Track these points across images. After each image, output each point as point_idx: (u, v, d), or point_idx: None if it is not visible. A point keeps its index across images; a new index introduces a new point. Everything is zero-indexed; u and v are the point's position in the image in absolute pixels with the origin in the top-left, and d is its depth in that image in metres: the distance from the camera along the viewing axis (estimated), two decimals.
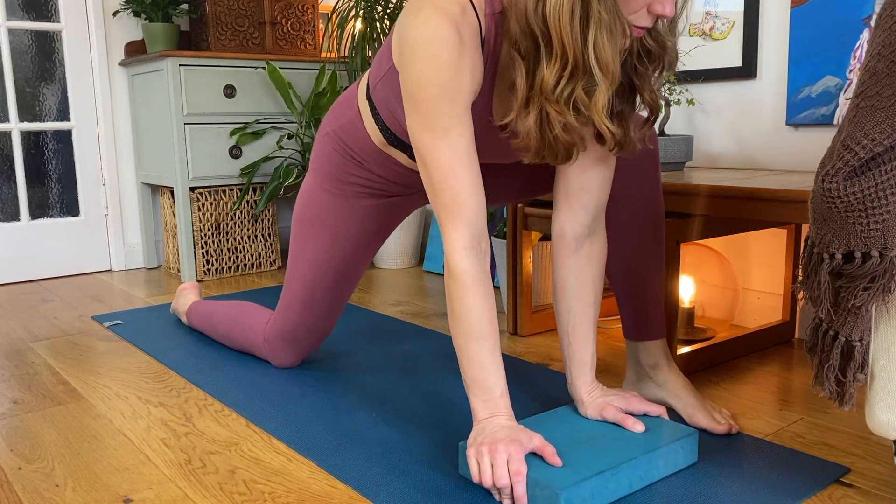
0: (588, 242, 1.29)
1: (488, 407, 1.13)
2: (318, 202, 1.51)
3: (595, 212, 1.28)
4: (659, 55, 1.14)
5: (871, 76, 0.85)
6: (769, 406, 1.49)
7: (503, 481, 1.06)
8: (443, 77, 1.06)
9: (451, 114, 1.09)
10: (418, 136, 1.11)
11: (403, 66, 1.10)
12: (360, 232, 1.52)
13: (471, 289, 1.13)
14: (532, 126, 1.07)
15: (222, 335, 1.86)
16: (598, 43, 1.00)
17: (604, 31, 1.00)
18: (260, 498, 1.15)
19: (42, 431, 1.42)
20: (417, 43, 1.06)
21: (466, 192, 1.11)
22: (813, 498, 1.13)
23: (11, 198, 2.79)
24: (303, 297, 1.58)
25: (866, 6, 1.72)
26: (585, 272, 1.29)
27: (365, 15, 2.74)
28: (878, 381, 0.95)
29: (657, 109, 1.18)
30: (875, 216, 0.85)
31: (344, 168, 1.44)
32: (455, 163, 1.10)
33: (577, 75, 1.02)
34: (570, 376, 1.31)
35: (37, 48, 2.79)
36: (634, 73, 1.14)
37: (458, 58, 1.06)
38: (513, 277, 1.95)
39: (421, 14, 1.07)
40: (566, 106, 1.04)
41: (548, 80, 1.03)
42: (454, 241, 1.13)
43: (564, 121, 1.05)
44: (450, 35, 1.05)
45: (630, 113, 1.17)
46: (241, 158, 2.80)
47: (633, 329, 1.45)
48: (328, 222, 1.51)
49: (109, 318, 2.22)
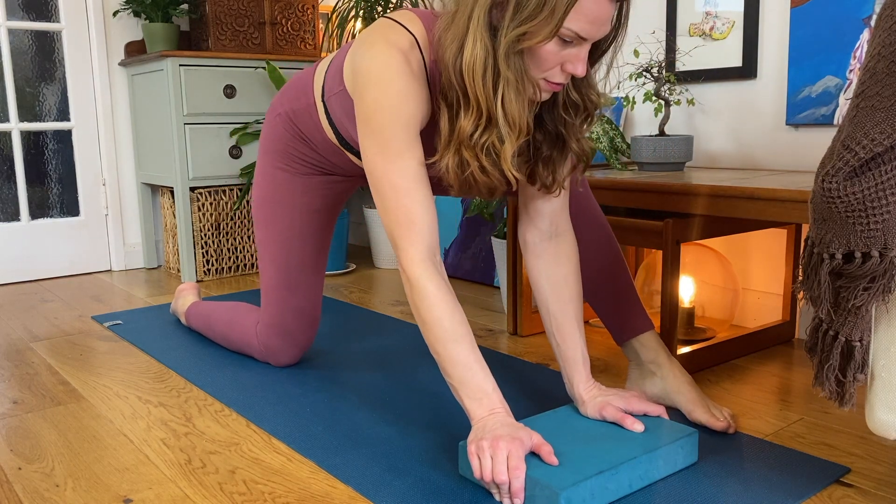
0: (551, 245, 1.33)
1: (484, 405, 1.14)
2: (271, 181, 1.58)
3: (550, 216, 1.33)
4: (583, 107, 1.21)
5: (871, 76, 0.85)
6: (769, 406, 1.49)
7: (502, 477, 1.06)
8: (395, 103, 1.14)
9: (403, 138, 1.16)
10: (372, 159, 1.18)
11: (358, 94, 1.18)
12: (316, 202, 1.59)
13: (436, 295, 1.16)
14: (452, 166, 1.15)
15: (219, 337, 1.86)
16: (505, 99, 1.09)
17: (511, 89, 1.08)
18: (260, 498, 1.15)
19: (42, 431, 1.42)
20: (371, 73, 1.15)
21: (420, 210, 1.17)
22: (813, 498, 1.13)
23: (11, 198, 2.79)
24: (279, 280, 1.62)
25: (866, 6, 1.72)
26: (554, 273, 1.33)
27: (365, 15, 2.74)
28: (878, 381, 0.95)
29: (584, 157, 1.26)
30: (875, 216, 0.85)
31: (294, 146, 1.52)
32: (409, 183, 1.17)
33: (492, 125, 1.11)
34: (566, 376, 1.32)
35: (37, 48, 2.79)
36: (563, 124, 1.22)
37: (409, 86, 1.15)
38: (513, 277, 1.95)
39: (375, 47, 1.16)
40: (481, 152, 1.12)
41: (465, 128, 1.12)
42: (411, 256, 1.17)
43: (480, 164, 1.13)
44: (401, 66, 1.14)
45: (559, 158, 1.24)
46: (241, 158, 2.80)
47: (620, 329, 1.46)
48: (285, 199, 1.57)
49: (109, 319, 2.22)
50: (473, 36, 1.07)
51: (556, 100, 1.20)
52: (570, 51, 1.09)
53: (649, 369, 1.44)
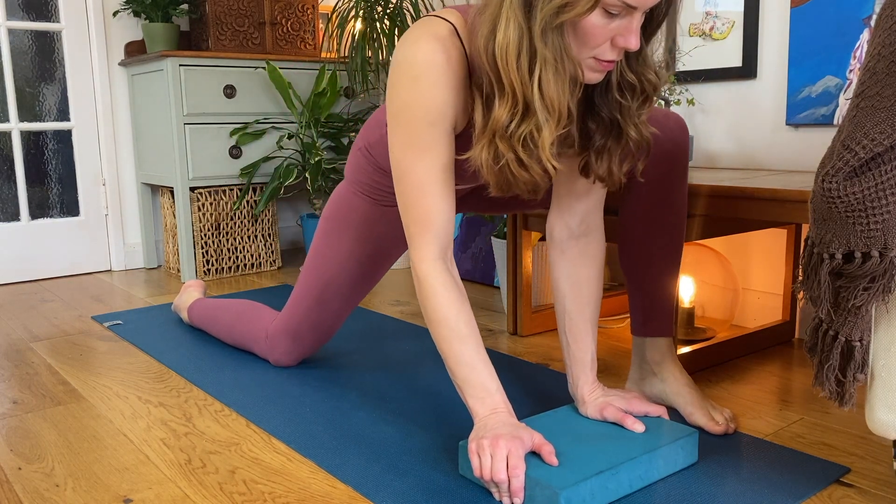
0: (577, 244, 1.30)
1: (486, 404, 1.14)
2: (348, 203, 1.53)
3: (583, 214, 1.29)
4: (640, 88, 1.12)
5: (871, 76, 0.85)
6: (769, 406, 1.49)
7: (501, 475, 1.06)
8: (425, 99, 1.10)
9: (431, 135, 1.12)
10: (398, 154, 1.15)
11: (390, 85, 1.14)
12: (387, 234, 1.54)
13: (444, 295, 1.15)
14: (486, 160, 1.08)
15: (224, 328, 1.86)
16: (543, 82, 1.01)
17: (549, 70, 1.00)
18: (260, 498, 1.15)
19: (42, 431, 1.42)
20: (406, 64, 1.10)
21: (438, 210, 1.14)
22: (813, 498, 1.13)
23: (11, 198, 2.79)
24: (315, 293, 1.59)
25: (866, 6, 1.72)
26: (576, 274, 1.30)
27: (365, 15, 2.74)
28: (878, 381, 0.95)
29: (644, 145, 1.16)
30: (875, 216, 0.85)
31: (375, 178, 1.47)
32: (431, 182, 1.14)
33: (529, 114, 1.03)
34: (571, 376, 1.31)
35: (37, 48, 2.79)
36: (618, 108, 1.13)
37: (442, 80, 1.09)
38: (513, 277, 1.95)
39: (411, 37, 1.11)
40: (517, 143, 1.04)
41: (499, 118, 1.04)
42: (424, 254, 1.16)
43: (515, 157, 1.06)
44: (437, 58, 1.08)
45: (615, 147, 1.15)
46: (241, 158, 2.80)
47: (643, 324, 1.44)
48: (356, 221, 1.53)
49: (109, 318, 2.22)
50: (506, 16, 1.00)
51: (610, 82, 1.12)
52: (619, 22, 1.00)
53: (651, 369, 1.44)
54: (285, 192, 3.19)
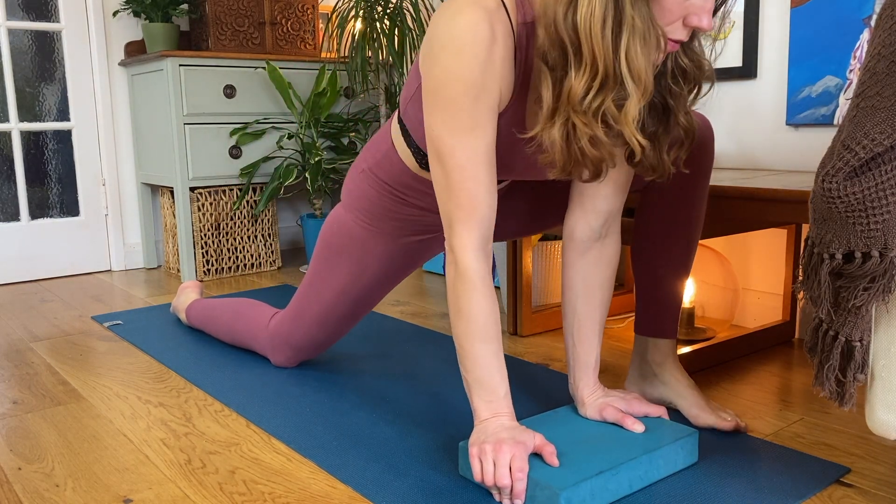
0: (597, 246, 1.28)
1: (491, 407, 1.13)
2: (349, 234, 1.48)
3: (606, 216, 1.26)
4: (694, 75, 1.10)
5: (871, 76, 0.85)
6: (769, 406, 1.49)
7: (504, 480, 1.06)
8: (469, 72, 1.03)
9: (474, 112, 1.05)
10: (437, 135, 1.08)
11: (429, 61, 1.06)
12: (389, 267, 1.51)
13: (480, 290, 1.11)
14: (558, 139, 1.02)
15: (224, 326, 1.86)
16: (630, 51, 0.96)
17: (637, 40, 0.95)
18: (260, 498, 1.15)
19: (42, 431, 1.42)
20: (447, 35, 1.03)
21: (483, 195, 1.09)
22: (813, 498, 1.13)
23: (11, 198, 2.79)
24: (318, 319, 1.59)
25: (866, 6, 1.72)
26: (592, 275, 1.28)
27: (365, 15, 2.74)
28: (878, 381, 0.95)
29: (693, 132, 1.14)
30: (875, 216, 0.85)
31: (382, 205, 1.41)
32: (475, 164, 1.08)
33: (608, 86, 0.98)
34: (573, 377, 1.31)
35: (37, 48, 2.79)
36: (669, 93, 1.10)
37: (487, 55, 1.03)
38: (513, 277, 1.95)
39: (454, 5, 1.03)
40: (594, 118, 0.99)
41: (576, 90, 0.98)
42: (466, 242, 1.10)
43: (592, 133, 1.00)
44: (482, 30, 1.01)
45: (664, 135, 1.12)
46: (241, 158, 2.80)
47: (648, 324, 1.43)
48: (356, 256, 1.49)
49: (109, 318, 2.22)
50: None
51: (665, 66, 1.09)
52: (695, 1, 0.98)
53: (652, 370, 1.43)
54: (285, 192, 3.19)
